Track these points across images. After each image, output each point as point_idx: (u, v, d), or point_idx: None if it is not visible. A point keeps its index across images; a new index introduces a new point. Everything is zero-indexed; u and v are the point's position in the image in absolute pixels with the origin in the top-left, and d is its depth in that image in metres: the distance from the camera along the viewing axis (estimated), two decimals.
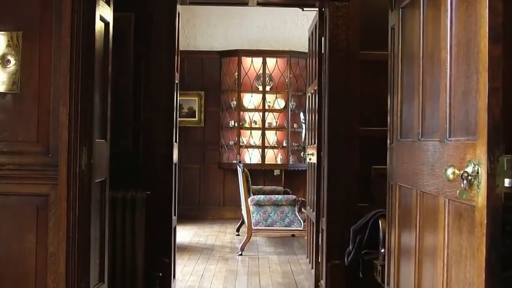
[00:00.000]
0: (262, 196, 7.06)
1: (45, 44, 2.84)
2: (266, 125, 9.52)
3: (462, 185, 1.72)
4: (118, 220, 4.28)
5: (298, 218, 6.92)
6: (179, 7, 4.70)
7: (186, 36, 9.55)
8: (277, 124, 9.54)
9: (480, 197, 1.66)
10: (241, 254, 6.66)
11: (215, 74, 9.58)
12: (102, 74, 3.20)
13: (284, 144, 9.53)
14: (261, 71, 9.50)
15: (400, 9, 2.78)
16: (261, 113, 9.51)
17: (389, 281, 2.88)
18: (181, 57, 5.41)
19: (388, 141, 3.01)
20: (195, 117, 9.61)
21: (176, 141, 4.90)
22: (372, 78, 4.54)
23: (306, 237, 6.00)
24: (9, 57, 2.84)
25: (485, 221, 1.62)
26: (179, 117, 5.38)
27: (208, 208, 9.53)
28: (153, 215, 4.45)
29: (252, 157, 9.54)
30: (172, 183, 4.64)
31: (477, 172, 1.67)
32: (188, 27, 9.54)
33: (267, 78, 9.52)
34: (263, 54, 9.47)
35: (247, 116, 9.58)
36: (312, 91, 5.45)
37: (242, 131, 9.56)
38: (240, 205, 7.60)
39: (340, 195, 4.51)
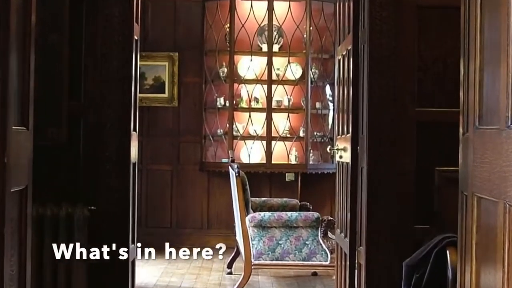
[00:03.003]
0: (267, 214, 7.06)
1: None
2: (274, 104, 9.51)
3: None
4: (46, 250, 4.28)
5: (322, 247, 6.92)
6: None
7: None
8: (291, 103, 9.54)
9: None
10: None
11: (195, 26, 9.56)
12: (22, 28, 3.19)
13: (301, 134, 9.52)
14: (265, 22, 9.48)
15: None
16: (265, 86, 9.50)
17: None
18: (143, 1, 5.36)
19: (461, 129, 3.00)
20: (164, 93, 9.60)
21: (135, 130, 4.89)
22: (436, 33, 4.54)
23: (334, 277, 5.99)
24: None
25: None
26: (140, 93, 5.37)
27: (185, 232, 9.53)
28: (99, 242, 4.45)
29: (252, 153, 9.54)
30: (129, 193, 4.64)
31: None
32: None
33: (274, 33, 9.50)
34: None
35: (244, 90, 9.57)
36: (344, 53, 5.43)
37: (236, 113, 9.56)
38: (234, 227, 7.59)
39: (387, 212, 4.52)
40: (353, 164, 5.00)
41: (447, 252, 3.75)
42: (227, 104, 9.50)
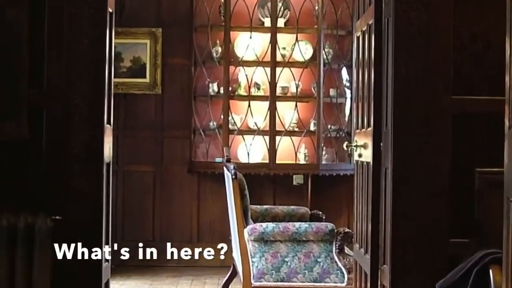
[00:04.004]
0: (270, 225, 7.05)
1: None
2: (278, 91, 9.51)
3: None
4: (2, 268, 4.28)
5: (337, 265, 6.91)
6: None
7: None
8: (299, 90, 9.54)
9: None
10: None
11: None
12: None
13: (312, 128, 9.52)
14: None
15: None
16: (268, 69, 9.49)
17: None
18: None
19: (506, 121, 2.99)
20: (145, 77, 9.60)
21: (109, 123, 4.88)
22: (476, 5, 4.56)
23: None
24: None
25: None
26: (115, 77, 5.33)
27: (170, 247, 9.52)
28: (65, 259, 4.44)
29: (252, 151, 9.54)
30: (101, 199, 4.65)
31: None
32: None
33: (279, 4, 9.49)
34: None
35: (242, 74, 9.57)
36: (365, 28, 5.43)
37: (233, 102, 9.56)
38: (230, 241, 7.58)
39: (417, 222, 4.52)
40: (375, 164, 5.00)
41: (490, 271, 3.74)
42: (222, 91, 9.50)
